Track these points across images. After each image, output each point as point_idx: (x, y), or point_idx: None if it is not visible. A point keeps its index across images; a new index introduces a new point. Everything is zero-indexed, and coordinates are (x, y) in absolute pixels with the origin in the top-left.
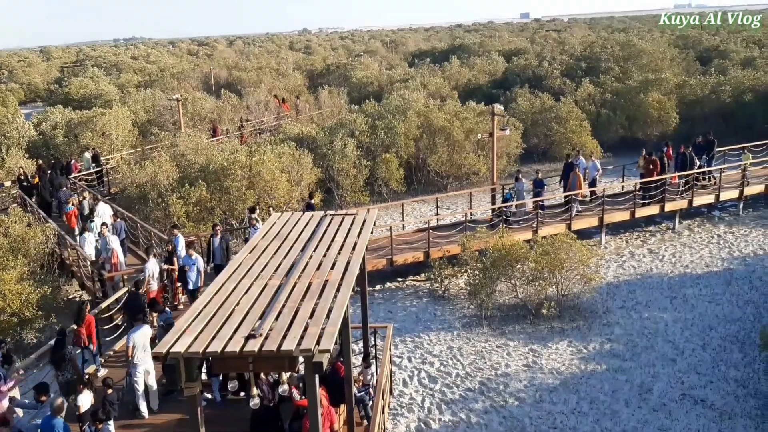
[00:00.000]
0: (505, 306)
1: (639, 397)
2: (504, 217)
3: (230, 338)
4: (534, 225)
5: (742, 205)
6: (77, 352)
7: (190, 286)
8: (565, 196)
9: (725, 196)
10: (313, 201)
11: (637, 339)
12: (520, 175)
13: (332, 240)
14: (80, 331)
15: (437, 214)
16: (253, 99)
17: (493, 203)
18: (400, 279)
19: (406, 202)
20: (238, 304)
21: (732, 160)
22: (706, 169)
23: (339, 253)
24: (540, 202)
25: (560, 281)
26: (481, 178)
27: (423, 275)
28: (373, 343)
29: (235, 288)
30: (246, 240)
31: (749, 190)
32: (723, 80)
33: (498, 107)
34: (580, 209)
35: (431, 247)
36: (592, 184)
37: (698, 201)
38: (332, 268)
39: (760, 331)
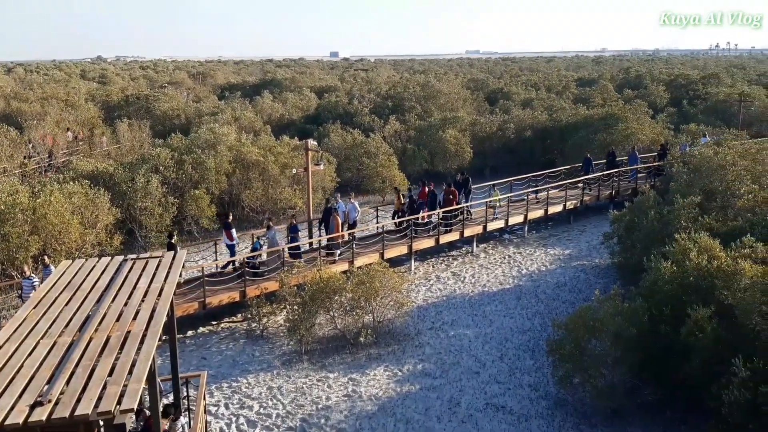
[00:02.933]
0: (325, 338)
1: (449, 411)
2: (246, 268)
3: (11, 408)
4: (350, 256)
5: (527, 228)
6: None
7: None
8: (328, 239)
9: (513, 220)
10: (173, 240)
11: (446, 356)
12: (271, 223)
13: (134, 286)
14: None
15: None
16: (37, 133)
17: (310, 236)
18: (214, 322)
19: (219, 240)
20: (20, 369)
21: (517, 188)
22: (464, 204)
23: (143, 301)
24: (295, 248)
25: (376, 308)
26: (298, 212)
27: (240, 315)
28: (185, 393)
29: (16, 350)
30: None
31: (532, 215)
32: (507, 119)
33: (312, 142)
34: (339, 253)
35: (248, 285)
36: (353, 225)
37: (492, 226)
38: (135, 317)
39: (546, 340)
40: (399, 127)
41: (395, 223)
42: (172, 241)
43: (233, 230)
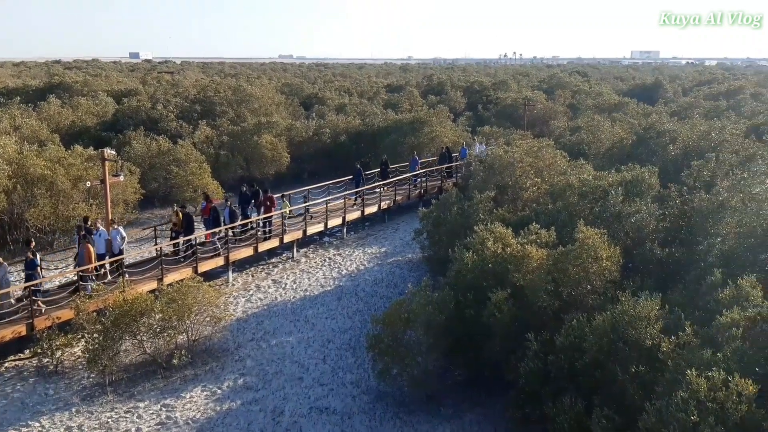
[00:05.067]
0: (133, 366)
1: (273, 421)
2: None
3: None
4: (158, 273)
5: (345, 230)
6: None
7: None
8: (78, 272)
9: (332, 223)
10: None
11: (268, 367)
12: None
13: None
14: None
15: (42, 276)
16: None
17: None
18: None
19: None
20: None
21: (335, 192)
22: (257, 218)
23: None
24: (36, 286)
25: (190, 327)
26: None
27: (28, 351)
28: None
29: None
30: None
31: (350, 216)
32: (323, 123)
33: (109, 151)
34: (92, 287)
35: (36, 316)
36: (120, 252)
37: (311, 230)
38: None
39: (366, 335)
40: (210, 132)
41: (173, 245)
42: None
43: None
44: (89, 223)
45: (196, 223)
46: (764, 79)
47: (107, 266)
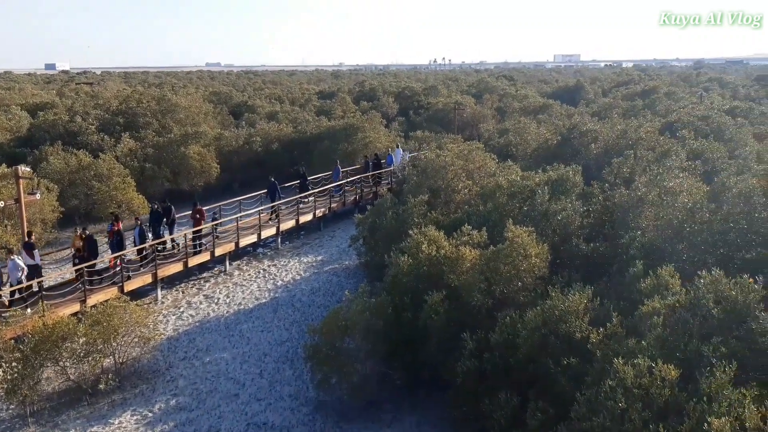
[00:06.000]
0: (56, 394)
1: None
2: None
3: None
4: (81, 295)
5: (280, 240)
6: None
7: None
8: None
9: (266, 233)
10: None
11: (201, 385)
12: None
13: None
14: None
15: None
16: None
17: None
18: None
19: None
20: None
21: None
22: (168, 237)
23: None
24: None
25: (117, 349)
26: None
27: None
28: None
29: None
30: None
31: (284, 226)
32: (253, 132)
33: (24, 168)
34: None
35: None
36: (20, 282)
37: (244, 242)
38: None
39: (303, 346)
40: (134, 145)
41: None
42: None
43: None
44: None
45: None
46: (676, 79)
47: (18, 293)
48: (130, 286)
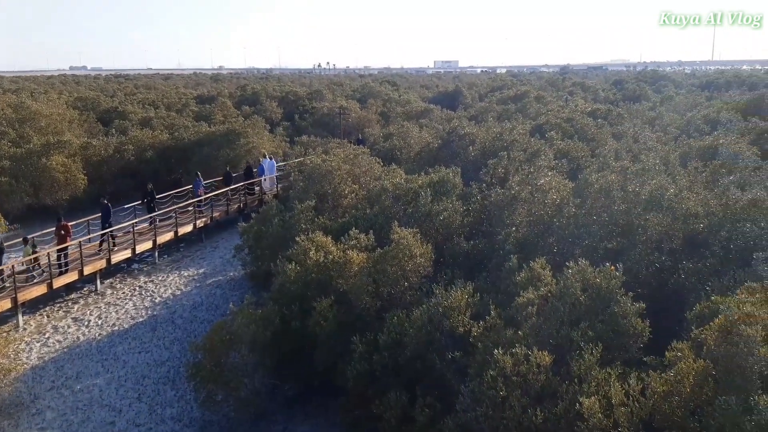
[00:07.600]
0: None
1: None
2: None
3: None
4: None
5: (157, 254)
6: None
7: None
8: None
9: (141, 248)
10: None
11: (72, 416)
12: None
13: None
14: None
15: None
16: None
17: None
18: None
19: None
20: None
21: (140, 214)
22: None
23: None
24: None
25: None
26: None
27: None
28: None
29: None
30: None
31: (161, 239)
32: (125, 140)
33: None
34: None
35: None
36: None
37: (116, 258)
38: None
39: (185, 364)
40: None
41: None
42: None
43: None
44: None
45: None
46: (545, 84)
47: None
48: None
